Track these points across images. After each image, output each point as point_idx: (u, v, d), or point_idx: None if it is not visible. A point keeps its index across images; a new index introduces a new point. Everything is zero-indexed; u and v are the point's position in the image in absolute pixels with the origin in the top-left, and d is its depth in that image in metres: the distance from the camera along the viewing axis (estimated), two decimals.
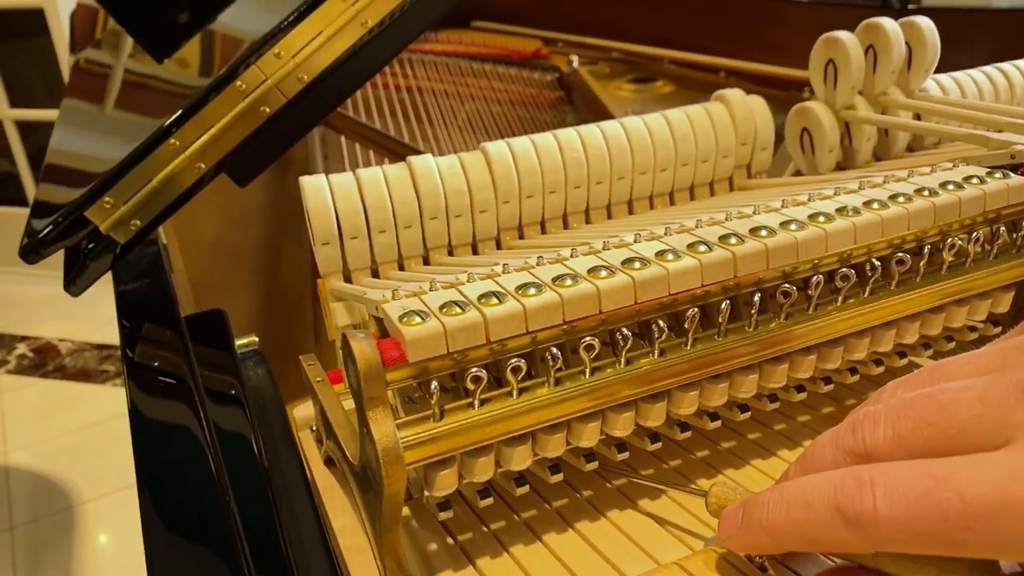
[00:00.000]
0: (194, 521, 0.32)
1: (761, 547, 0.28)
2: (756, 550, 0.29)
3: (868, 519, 0.22)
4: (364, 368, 0.26)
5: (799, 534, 0.25)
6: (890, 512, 0.22)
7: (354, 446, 0.32)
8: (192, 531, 0.31)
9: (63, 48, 2.35)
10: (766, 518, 0.26)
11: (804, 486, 0.25)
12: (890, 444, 0.24)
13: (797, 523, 0.25)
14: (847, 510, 0.23)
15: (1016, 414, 0.22)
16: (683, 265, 0.31)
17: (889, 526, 0.22)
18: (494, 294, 0.29)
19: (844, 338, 0.35)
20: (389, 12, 0.51)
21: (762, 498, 0.27)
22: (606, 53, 1.33)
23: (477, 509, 0.35)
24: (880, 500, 0.22)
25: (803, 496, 0.25)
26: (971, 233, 0.36)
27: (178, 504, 0.33)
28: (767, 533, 0.26)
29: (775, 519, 0.26)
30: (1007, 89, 0.56)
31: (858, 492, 0.23)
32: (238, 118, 0.49)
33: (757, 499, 0.27)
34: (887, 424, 0.24)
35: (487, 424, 0.29)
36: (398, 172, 0.42)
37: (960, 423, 0.23)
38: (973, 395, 0.23)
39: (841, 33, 0.51)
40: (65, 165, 0.61)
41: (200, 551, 0.31)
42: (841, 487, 0.23)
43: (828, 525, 0.24)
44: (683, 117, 0.48)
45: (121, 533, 1.62)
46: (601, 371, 0.30)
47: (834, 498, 0.23)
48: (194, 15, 0.69)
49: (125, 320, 0.48)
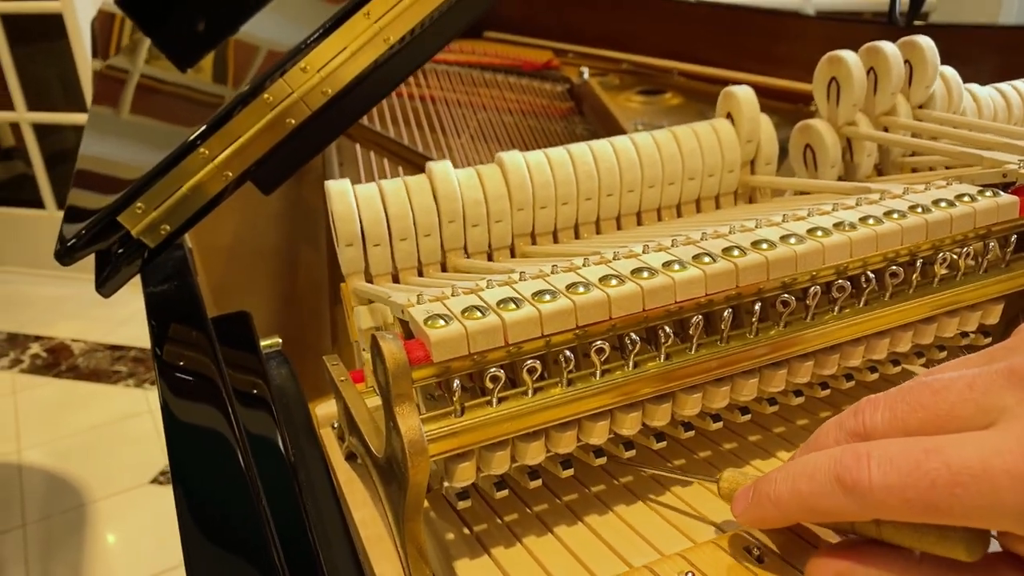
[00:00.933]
0: (226, 513, 0.33)
1: (770, 520, 0.30)
2: (765, 523, 0.31)
3: (864, 487, 0.25)
4: (393, 367, 0.28)
5: (803, 504, 0.27)
6: (884, 480, 0.25)
7: (377, 440, 0.34)
8: (224, 523, 0.33)
9: (81, 52, 2.38)
10: (774, 492, 0.29)
11: (808, 461, 0.28)
12: (887, 425, 0.27)
13: (801, 494, 0.27)
14: (845, 479, 0.25)
15: (1000, 399, 0.24)
16: (688, 275, 0.33)
17: (883, 493, 0.24)
18: (512, 300, 0.31)
19: (840, 346, 0.37)
20: (410, 29, 0.53)
21: (770, 475, 0.29)
22: (616, 65, 1.35)
23: (492, 502, 0.37)
24: (875, 470, 0.25)
25: (807, 470, 0.27)
26: (962, 248, 0.39)
27: (211, 497, 0.34)
28: (775, 506, 0.29)
29: (781, 492, 0.28)
30: (1005, 109, 0.58)
31: (855, 463, 0.25)
32: (265, 129, 0.51)
33: (766, 477, 0.30)
34: (885, 407, 0.27)
35: (504, 421, 0.31)
36: (419, 181, 0.44)
37: (950, 406, 0.25)
38: (963, 382, 0.25)
39: (844, 52, 0.53)
40: (95, 171, 0.63)
41: (232, 542, 0.32)
42: (840, 459, 0.26)
43: (828, 494, 0.26)
44: (690, 133, 0.50)
45: (131, 532, 1.64)
46: (610, 373, 0.33)
47: (834, 469, 0.26)
48: (216, 26, 0.72)
49: (154, 320, 0.50)
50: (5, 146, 2.83)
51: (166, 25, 0.78)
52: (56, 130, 2.66)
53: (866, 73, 0.53)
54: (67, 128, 2.67)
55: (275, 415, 0.41)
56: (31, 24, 2.49)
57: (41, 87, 2.59)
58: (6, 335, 2.41)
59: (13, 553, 1.60)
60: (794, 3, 2.05)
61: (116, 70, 0.83)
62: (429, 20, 0.54)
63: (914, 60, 0.54)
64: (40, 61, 2.56)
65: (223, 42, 0.70)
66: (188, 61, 0.71)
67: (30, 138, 2.59)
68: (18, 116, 2.57)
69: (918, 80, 0.54)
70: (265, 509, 0.33)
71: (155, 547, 1.58)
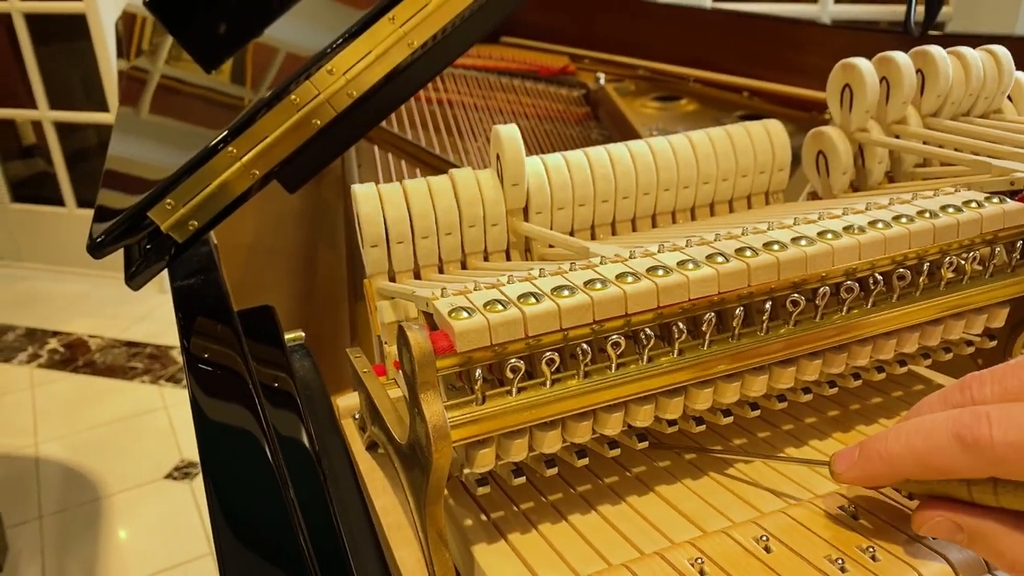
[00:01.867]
0: (254, 500, 0.35)
1: (878, 476, 0.32)
2: (872, 480, 0.33)
3: (985, 443, 0.27)
4: (419, 355, 0.30)
5: (918, 460, 0.29)
6: (1004, 437, 0.26)
7: (400, 429, 0.36)
8: (253, 509, 0.34)
9: (103, 52, 2.42)
10: (885, 449, 0.30)
11: (922, 422, 0.29)
12: (998, 398, 0.29)
13: (917, 451, 0.29)
14: (965, 436, 0.27)
15: None
16: (702, 274, 0.34)
17: (1003, 449, 0.26)
18: (532, 295, 0.33)
19: (848, 345, 0.39)
20: (433, 35, 0.54)
21: (879, 435, 0.31)
22: (632, 71, 1.37)
23: (509, 490, 0.38)
24: (995, 428, 0.27)
25: (922, 429, 0.29)
26: (969, 252, 0.40)
27: (239, 485, 0.36)
28: (885, 462, 0.30)
29: (894, 448, 0.30)
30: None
31: (975, 421, 0.27)
32: (291, 129, 0.53)
33: (874, 437, 0.31)
34: (994, 382, 0.29)
35: (523, 410, 0.32)
36: (441, 183, 0.45)
37: None
38: None
39: (857, 60, 0.54)
40: (124, 172, 0.65)
41: (261, 527, 0.34)
42: (959, 418, 0.28)
43: (946, 451, 0.28)
44: (705, 139, 0.51)
45: (146, 526, 1.66)
46: (625, 367, 0.34)
47: (953, 427, 0.28)
48: (242, 29, 0.73)
49: (182, 314, 0.51)
50: (27, 144, 2.87)
51: (193, 27, 0.80)
52: (77, 129, 2.70)
53: (879, 82, 0.54)
54: (88, 127, 2.71)
55: (300, 407, 0.43)
56: (55, 24, 2.53)
57: (63, 86, 2.63)
58: (25, 330, 2.44)
59: (29, 544, 1.62)
60: (810, 12, 2.06)
61: (142, 71, 0.85)
62: (451, 26, 0.55)
63: (926, 70, 0.55)
64: (63, 61, 2.59)
65: (248, 44, 0.71)
66: (214, 63, 0.72)
67: (52, 136, 2.63)
68: (40, 114, 2.61)
69: (930, 89, 0.55)
70: (292, 497, 0.35)
71: (169, 541, 1.61)
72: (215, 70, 0.72)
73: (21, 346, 2.35)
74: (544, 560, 0.34)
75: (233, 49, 0.72)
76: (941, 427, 0.28)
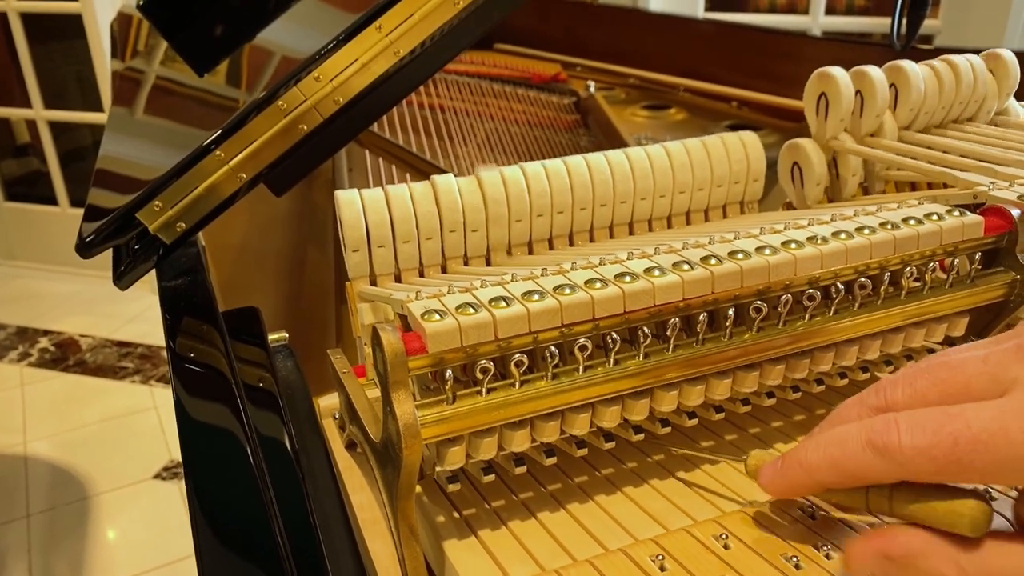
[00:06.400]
0: (234, 497, 0.36)
1: (798, 486, 0.33)
2: (792, 491, 0.34)
3: (894, 447, 0.28)
4: (391, 356, 0.31)
5: (834, 467, 0.30)
6: (912, 441, 0.28)
7: (376, 428, 0.37)
8: (231, 505, 0.35)
9: (99, 52, 2.42)
10: (804, 458, 0.32)
11: (837, 431, 0.31)
12: (908, 399, 0.30)
13: (833, 458, 0.30)
14: (876, 442, 0.29)
15: (1011, 370, 0.27)
16: (667, 280, 0.36)
17: (911, 452, 0.28)
18: (503, 298, 0.34)
19: (811, 351, 0.40)
20: (419, 43, 0.56)
21: (798, 446, 0.33)
22: (623, 79, 1.38)
23: (480, 488, 0.39)
24: (904, 433, 0.28)
25: (837, 437, 0.30)
26: (929, 263, 0.41)
27: (220, 483, 0.37)
28: (805, 471, 0.32)
29: (812, 458, 0.31)
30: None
31: (885, 428, 0.28)
32: (278, 134, 0.54)
33: (794, 448, 0.33)
34: (905, 384, 0.30)
35: (492, 409, 0.33)
36: (422, 189, 0.47)
37: (967, 378, 0.29)
38: (977, 358, 0.29)
39: (833, 69, 0.55)
40: (115, 171, 0.66)
41: (239, 523, 0.35)
42: (870, 426, 0.29)
43: (860, 457, 0.29)
44: (681, 149, 0.52)
45: (134, 525, 1.67)
46: (592, 369, 0.35)
47: (865, 435, 0.29)
48: (234, 33, 0.74)
49: (168, 314, 0.52)
50: (20, 143, 2.88)
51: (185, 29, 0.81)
52: (71, 128, 2.70)
53: (854, 94, 0.55)
54: (82, 127, 2.71)
55: (281, 407, 0.44)
56: (50, 23, 2.53)
57: (58, 86, 2.63)
58: (16, 328, 2.44)
59: (16, 543, 1.62)
60: (802, 23, 2.08)
61: (136, 72, 0.86)
62: (438, 34, 0.56)
63: (899, 83, 0.56)
64: (58, 60, 2.60)
65: (240, 48, 0.73)
66: (205, 67, 0.74)
67: (46, 135, 2.64)
68: (35, 113, 2.61)
69: (902, 103, 0.57)
70: (271, 494, 0.36)
71: (157, 541, 1.61)
72: (207, 74, 0.73)
73: (12, 344, 2.35)
74: (512, 555, 0.35)
75: (225, 54, 0.73)
76: (854, 435, 0.30)
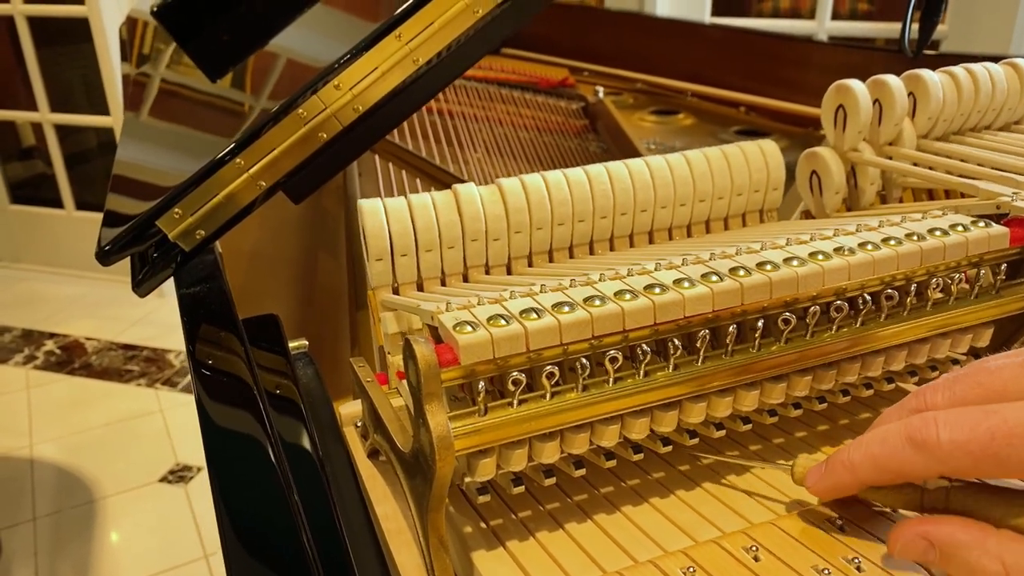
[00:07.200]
0: (261, 505, 0.36)
1: (844, 485, 0.34)
2: (838, 490, 0.35)
3: (932, 443, 0.29)
4: (424, 368, 0.31)
5: (875, 464, 0.32)
6: (950, 436, 0.29)
7: (403, 437, 0.37)
8: (258, 512, 0.35)
9: (105, 56, 2.43)
10: (848, 458, 0.33)
11: (878, 431, 0.32)
12: (948, 401, 0.31)
13: (874, 456, 0.32)
14: (915, 438, 0.30)
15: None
16: (697, 292, 0.36)
17: (949, 447, 0.29)
18: (534, 310, 0.34)
19: (837, 362, 0.40)
20: (438, 52, 0.56)
21: (842, 448, 0.34)
22: (631, 84, 1.38)
23: (508, 499, 0.39)
24: (942, 428, 0.29)
25: (878, 436, 0.32)
26: (955, 274, 0.41)
27: (245, 489, 0.37)
28: (849, 471, 0.33)
29: (855, 457, 0.33)
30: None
31: (923, 424, 0.30)
32: (297, 143, 0.54)
33: (838, 450, 0.34)
34: (945, 388, 0.31)
35: (523, 421, 0.33)
36: (445, 198, 0.47)
37: (1004, 382, 0.30)
38: (1016, 363, 0.30)
39: (852, 82, 0.55)
40: (132, 177, 0.66)
41: (266, 530, 0.35)
42: (910, 423, 0.30)
43: (900, 453, 0.30)
44: (701, 158, 0.53)
45: (139, 529, 1.67)
46: (622, 381, 0.35)
47: (905, 432, 0.30)
48: (248, 38, 0.74)
49: (188, 321, 0.52)
50: (26, 146, 2.88)
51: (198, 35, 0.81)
52: (77, 131, 2.71)
53: (872, 104, 0.55)
54: (88, 130, 2.72)
55: (304, 414, 0.44)
56: (57, 27, 2.54)
57: (64, 89, 2.64)
58: (21, 331, 2.45)
59: (22, 546, 1.62)
60: (808, 28, 2.08)
61: (149, 76, 0.86)
62: (456, 43, 0.56)
63: (918, 92, 0.56)
64: (64, 63, 2.61)
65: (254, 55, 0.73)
66: (219, 73, 0.74)
67: (52, 138, 2.64)
68: (41, 116, 2.62)
69: (921, 111, 0.57)
70: (296, 501, 0.36)
71: (162, 545, 1.61)
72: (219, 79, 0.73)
73: (18, 347, 2.36)
74: (541, 566, 0.35)
75: (238, 60, 0.74)
76: (895, 433, 0.31)
